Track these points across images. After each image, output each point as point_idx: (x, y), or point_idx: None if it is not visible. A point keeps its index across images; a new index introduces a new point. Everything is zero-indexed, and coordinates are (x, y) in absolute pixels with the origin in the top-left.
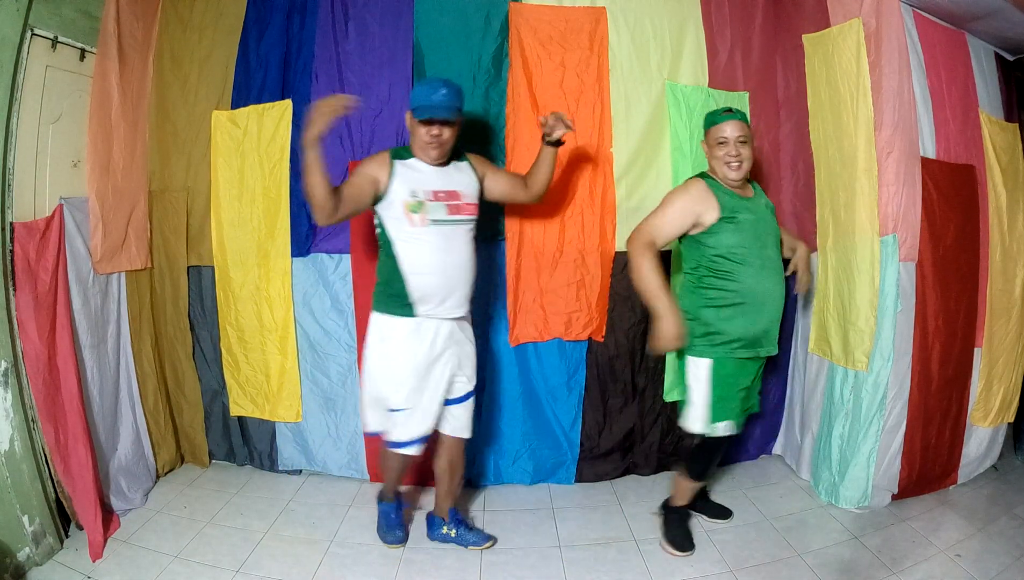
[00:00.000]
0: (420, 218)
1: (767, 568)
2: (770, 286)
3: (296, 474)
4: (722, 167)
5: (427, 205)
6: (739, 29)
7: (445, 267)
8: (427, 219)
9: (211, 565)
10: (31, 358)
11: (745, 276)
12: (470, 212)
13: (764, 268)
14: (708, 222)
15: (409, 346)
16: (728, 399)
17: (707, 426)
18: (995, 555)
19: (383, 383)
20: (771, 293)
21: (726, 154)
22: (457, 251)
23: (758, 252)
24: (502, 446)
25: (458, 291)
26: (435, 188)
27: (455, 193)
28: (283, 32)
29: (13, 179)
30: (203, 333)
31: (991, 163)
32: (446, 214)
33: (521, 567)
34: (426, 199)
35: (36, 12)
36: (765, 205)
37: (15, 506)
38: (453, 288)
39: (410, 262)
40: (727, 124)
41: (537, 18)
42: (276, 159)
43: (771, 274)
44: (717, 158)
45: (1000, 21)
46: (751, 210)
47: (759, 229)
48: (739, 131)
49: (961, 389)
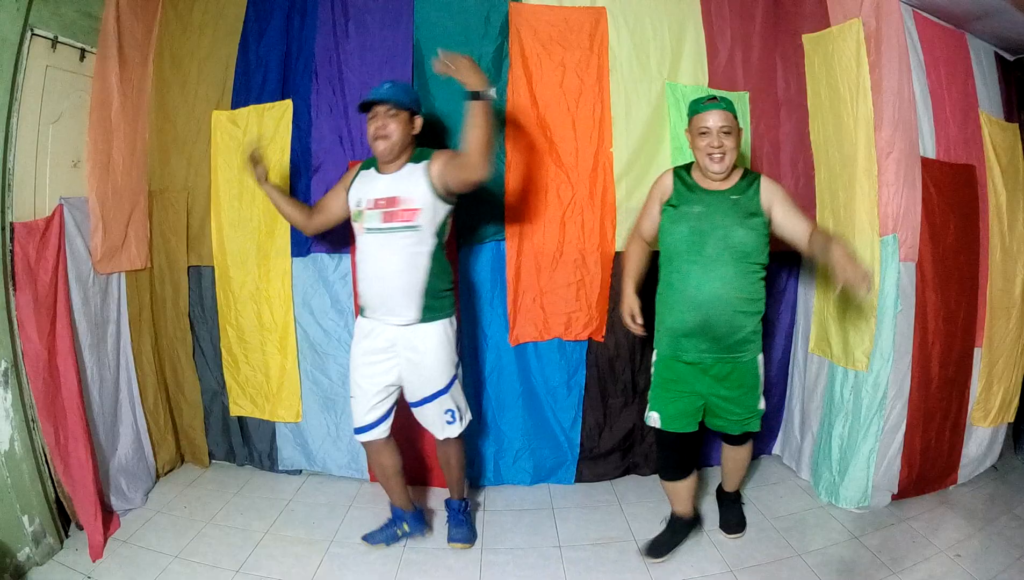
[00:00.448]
0: (359, 227)
1: (767, 568)
2: (693, 286)
3: (296, 474)
4: (703, 158)
5: (365, 214)
6: (739, 29)
7: (375, 276)
8: (363, 228)
9: (211, 565)
10: (31, 358)
11: (674, 270)
12: (406, 218)
13: (696, 265)
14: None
15: (358, 342)
16: (661, 390)
17: (646, 414)
18: (995, 555)
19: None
20: (694, 295)
21: (708, 145)
22: (387, 260)
23: (692, 248)
24: (502, 446)
25: (394, 300)
26: (377, 196)
27: (394, 200)
28: (283, 32)
29: (13, 179)
30: (203, 333)
31: (991, 163)
32: (380, 222)
33: (521, 567)
34: (366, 208)
35: (36, 12)
36: (735, 202)
37: (15, 506)
38: (388, 296)
39: (358, 268)
40: (710, 113)
41: (537, 18)
42: (276, 159)
43: (702, 275)
44: (699, 149)
45: (1000, 21)
46: (705, 204)
47: (704, 225)
48: (723, 121)
49: (961, 389)
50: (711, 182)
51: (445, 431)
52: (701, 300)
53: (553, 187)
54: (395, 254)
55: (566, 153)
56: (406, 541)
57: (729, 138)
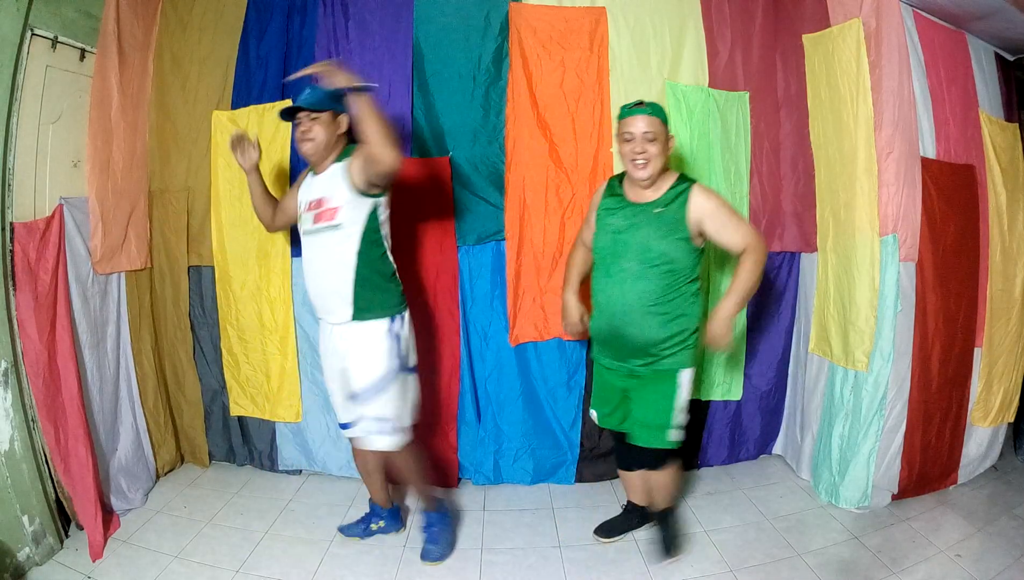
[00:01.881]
0: (299, 230)
1: (767, 568)
2: (606, 298)
3: (296, 474)
4: (627, 164)
5: (302, 216)
6: (739, 29)
7: (309, 275)
8: (301, 230)
9: (211, 565)
10: (31, 358)
11: (596, 279)
12: (330, 217)
13: (612, 277)
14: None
15: (319, 342)
16: (597, 389)
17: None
18: (995, 555)
19: None
20: (606, 306)
21: (631, 151)
22: (318, 259)
23: (610, 260)
24: (502, 446)
25: (327, 299)
26: (310, 198)
27: (320, 200)
28: (283, 32)
29: (13, 179)
30: (203, 333)
31: (991, 163)
32: (311, 224)
33: (521, 567)
34: (303, 211)
35: (36, 12)
36: (658, 216)
37: (15, 506)
38: (322, 295)
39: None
40: (635, 119)
41: (537, 18)
42: (276, 159)
43: (614, 285)
44: (624, 155)
45: (1000, 21)
46: (625, 216)
47: (622, 238)
48: (647, 126)
49: (961, 389)
50: (638, 192)
51: (371, 441)
52: (613, 310)
53: (553, 187)
54: (323, 254)
55: (566, 153)
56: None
57: (654, 145)
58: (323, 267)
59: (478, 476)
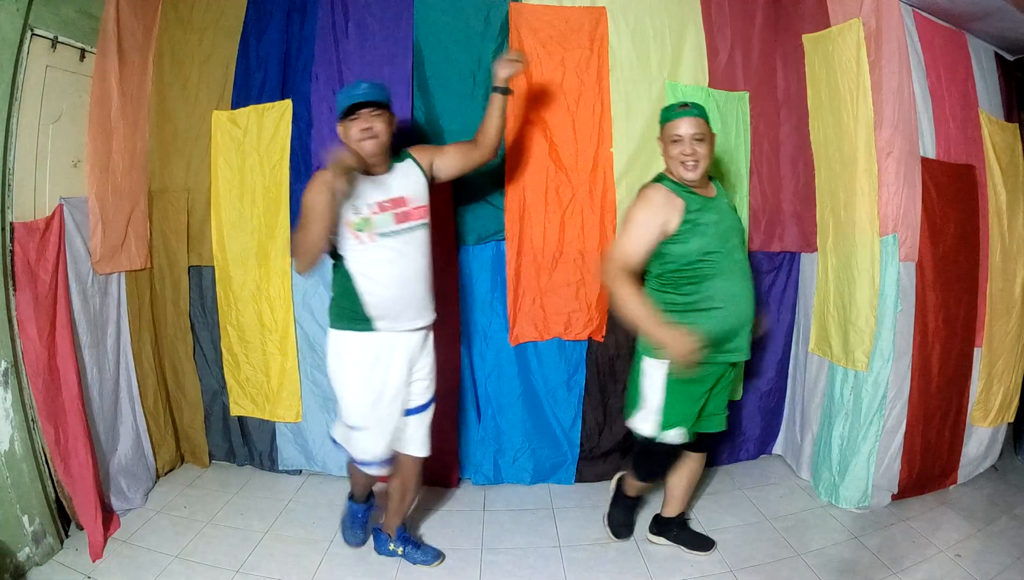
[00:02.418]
0: (368, 235)
1: (767, 568)
2: (737, 289)
3: (296, 474)
4: (677, 167)
5: (372, 220)
6: (739, 29)
7: (400, 280)
8: (375, 234)
9: (211, 565)
10: (31, 358)
11: (711, 280)
12: (419, 216)
13: (731, 270)
14: (672, 229)
15: (366, 363)
16: (682, 405)
17: (657, 430)
18: (995, 555)
19: (342, 400)
20: (738, 296)
21: (680, 153)
22: (411, 261)
23: (724, 255)
24: (502, 446)
25: (416, 302)
26: (379, 199)
27: (401, 200)
28: (283, 32)
29: (13, 179)
30: (203, 333)
31: (991, 163)
32: (394, 224)
33: (521, 567)
34: (371, 213)
35: (36, 12)
36: (728, 204)
37: (15, 506)
38: (410, 300)
39: (364, 278)
40: (683, 121)
41: (537, 18)
42: (276, 159)
43: (738, 277)
44: (672, 157)
45: (1000, 21)
46: (715, 210)
47: (723, 230)
48: (695, 128)
49: (961, 389)
50: (701, 190)
51: (425, 447)
52: (736, 304)
53: (553, 187)
54: (417, 254)
55: (566, 153)
56: None
57: (702, 145)
58: (415, 270)
59: (478, 476)
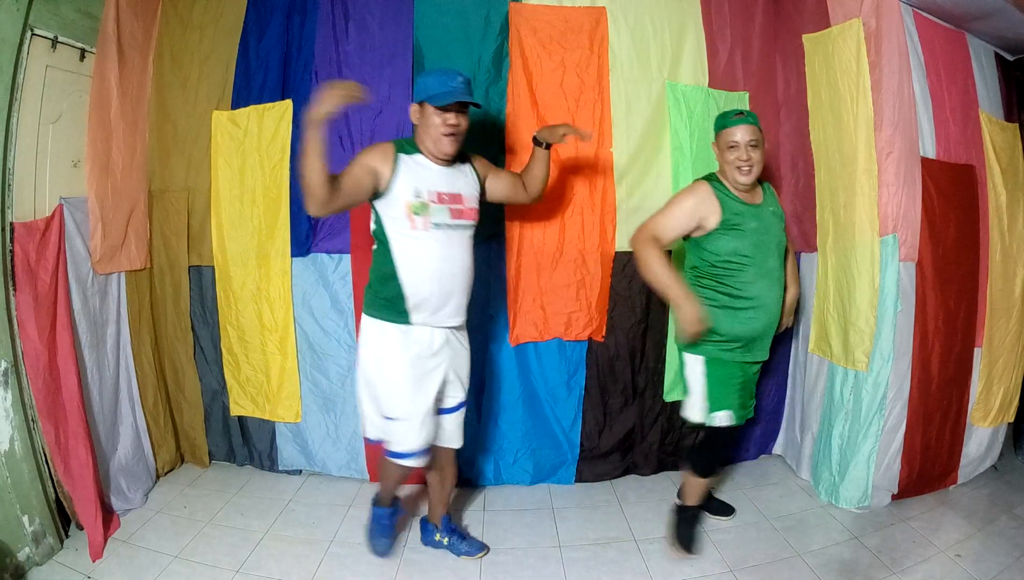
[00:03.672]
0: (423, 221)
1: (767, 568)
2: (766, 294)
3: (296, 474)
4: (733, 172)
5: (431, 207)
6: (739, 29)
7: (443, 275)
8: (429, 223)
9: (211, 565)
10: (31, 358)
11: (742, 282)
12: (472, 217)
13: (762, 276)
14: (710, 226)
15: (404, 354)
16: (725, 390)
17: (706, 415)
18: (995, 555)
19: (379, 390)
20: (766, 301)
21: (736, 158)
22: (457, 258)
23: (759, 260)
24: (502, 446)
25: (455, 299)
26: (440, 189)
27: (459, 196)
28: (283, 32)
29: (13, 179)
30: (203, 333)
31: (991, 163)
32: (449, 218)
33: (521, 567)
34: (430, 201)
35: (36, 12)
36: (773, 213)
37: (15, 506)
38: (450, 296)
39: (407, 267)
40: (738, 128)
41: (537, 18)
42: (276, 159)
43: (769, 282)
44: (728, 162)
45: (1000, 21)
46: (756, 217)
47: (761, 237)
48: (750, 135)
49: (961, 389)
50: (749, 196)
51: (461, 439)
52: (771, 305)
53: (553, 187)
54: (464, 252)
55: (566, 153)
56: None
57: (756, 151)
58: (459, 268)
59: (478, 476)
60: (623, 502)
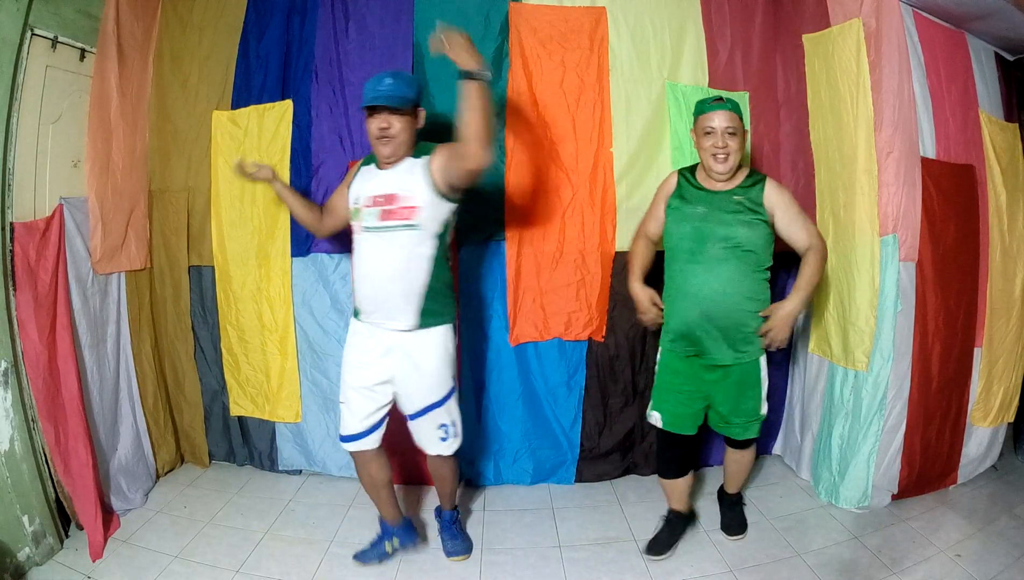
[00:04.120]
0: (357, 225)
1: (767, 568)
2: (696, 285)
3: (296, 474)
4: (708, 158)
5: (363, 212)
6: (739, 29)
7: (372, 277)
8: (360, 226)
9: (211, 565)
10: (31, 358)
11: (674, 269)
12: (405, 216)
13: (695, 264)
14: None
15: (352, 345)
16: (664, 391)
17: (648, 412)
18: (995, 555)
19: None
20: (696, 293)
21: (712, 145)
22: (387, 260)
23: (692, 246)
24: (502, 446)
25: (391, 303)
26: (375, 192)
27: (392, 196)
28: (283, 32)
29: (13, 179)
30: (203, 333)
31: (991, 163)
32: (377, 221)
33: (521, 567)
34: (363, 205)
35: (36, 12)
36: (738, 202)
37: (15, 506)
38: (384, 299)
39: (354, 269)
40: (716, 113)
41: (537, 18)
42: (276, 159)
43: (701, 273)
44: (704, 149)
45: (1000, 21)
46: (708, 204)
47: (707, 224)
48: (728, 121)
49: (961, 389)
50: (714, 182)
51: (437, 447)
52: (703, 296)
53: (553, 187)
54: (393, 255)
55: (566, 153)
56: None
57: (734, 139)
58: (391, 269)
59: (478, 476)
60: (623, 502)
